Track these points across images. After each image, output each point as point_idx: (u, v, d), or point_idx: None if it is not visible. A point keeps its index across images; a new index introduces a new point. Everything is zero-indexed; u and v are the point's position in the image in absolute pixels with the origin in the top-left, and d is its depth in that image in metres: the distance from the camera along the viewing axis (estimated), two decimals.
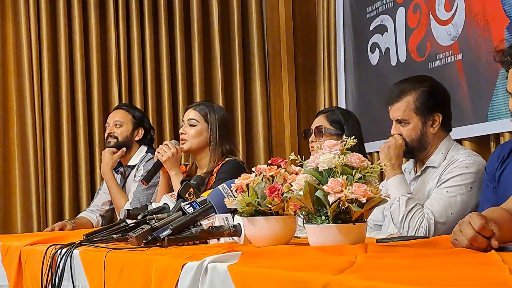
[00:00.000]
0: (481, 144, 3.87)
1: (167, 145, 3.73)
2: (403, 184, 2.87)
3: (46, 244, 2.71)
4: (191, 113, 3.73)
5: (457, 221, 2.74)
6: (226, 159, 3.66)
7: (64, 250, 2.51)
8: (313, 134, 3.54)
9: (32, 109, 4.81)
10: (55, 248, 2.57)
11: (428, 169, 2.99)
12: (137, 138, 4.38)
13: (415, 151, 2.99)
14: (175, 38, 5.20)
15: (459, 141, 3.72)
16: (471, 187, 2.83)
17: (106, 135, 4.38)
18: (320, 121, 3.57)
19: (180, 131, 3.75)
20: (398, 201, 2.81)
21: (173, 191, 3.48)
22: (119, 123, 4.35)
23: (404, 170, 3.13)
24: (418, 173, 3.02)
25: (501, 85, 3.70)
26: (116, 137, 4.33)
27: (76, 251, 2.47)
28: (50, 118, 4.85)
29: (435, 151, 2.97)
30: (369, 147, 4.39)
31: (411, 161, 3.11)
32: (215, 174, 3.61)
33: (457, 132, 3.39)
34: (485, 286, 1.16)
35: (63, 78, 4.90)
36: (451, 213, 2.80)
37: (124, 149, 4.33)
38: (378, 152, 4.62)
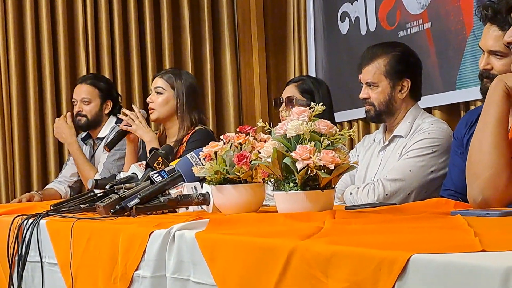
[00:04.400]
0: (450, 112, 3.89)
1: (135, 115, 3.68)
2: None
3: (13, 215, 2.68)
4: (158, 81, 3.70)
5: (417, 180, 2.80)
6: (196, 128, 3.64)
7: (30, 221, 2.49)
8: (283, 104, 3.53)
9: None
10: (22, 219, 2.54)
11: (395, 139, 3.00)
12: (106, 111, 4.33)
13: (383, 116, 2.99)
14: (143, 6, 5.14)
15: (429, 110, 3.73)
16: (433, 150, 2.84)
17: (75, 113, 4.32)
18: (291, 90, 3.56)
19: (148, 99, 3.72)
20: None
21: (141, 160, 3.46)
22: (86, 99, 4.28)
23: (374, 140, 3.13)
24: (386, 142, 3.02)
25: (469, 54, 3.71)
26: (85, 115, 4.28)
27: (42, 221, 2.45)
28: (16, 89, 4.78)
29: (402, 119, 2.98)
30: (339, 116, 4.40)
31: (381, 131, 3.11)
32: (185, 143, 3.59)
33: (426, 101, 3.40)
34: (451, 248, 1.16)
35: (29, 48, 4.82)
36: (410, 171, 2.82)
37: (70, 113, 4.27)
38: (348, 121, 4.67)
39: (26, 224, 2.50)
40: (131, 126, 3.66)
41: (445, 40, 3.88)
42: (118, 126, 4.19)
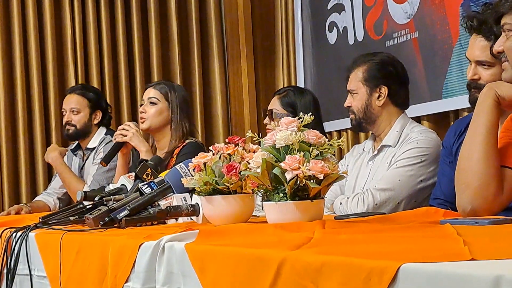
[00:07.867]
0: (439, 121, 3.90)
1: (129, 125, 3.69)
2: None
3: (1, 227, 2.67)
4: (151, 92, 3.69)
5: (406, 189, 2.81)
6: (187, 141, 3.63)
7: (19, 233, 2.47)
8: (267, 116, 3.58)
9: None
10: (10, 232, 2.53)
11: (384, 148, 3.01)
12: (95, 122, 4.33)
13: (363, 123, 3.03)
14: (131, 17, 5.14)
15: (417, 119, 3.74)
16: (422, 159, 2.85)
17: (64, 122, 4.33)
18: (273, 103, 3.59)
19: (140, 109, 3.71)
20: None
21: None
22: (75, 110, 4.29)
23: (363, 150, 3.14)
24: (375, 152, 3.03)
25: (455, 63, 3.73)
26: (74, 125, 4.29)
27: (31, 234, 2.43)
28: (4, 100, 4.77)
29: (390, 129, 2.99)
30: (328, 126, 4.41)
31: (371, 140, 3.12)
32: (175, 156, 3.58)
33: (413, 110, 3.41)
34: (440, 257, 1.16)
35: (17, 60, 4.81)
36: (399, 180, 2.82)
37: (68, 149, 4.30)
38: (337, 130, 4.67)
39: (15, 237, 2.48)
40: (125, 136, 3.65)
41: (432, 49, 3.90)
42: (109, 136, 4.20)
